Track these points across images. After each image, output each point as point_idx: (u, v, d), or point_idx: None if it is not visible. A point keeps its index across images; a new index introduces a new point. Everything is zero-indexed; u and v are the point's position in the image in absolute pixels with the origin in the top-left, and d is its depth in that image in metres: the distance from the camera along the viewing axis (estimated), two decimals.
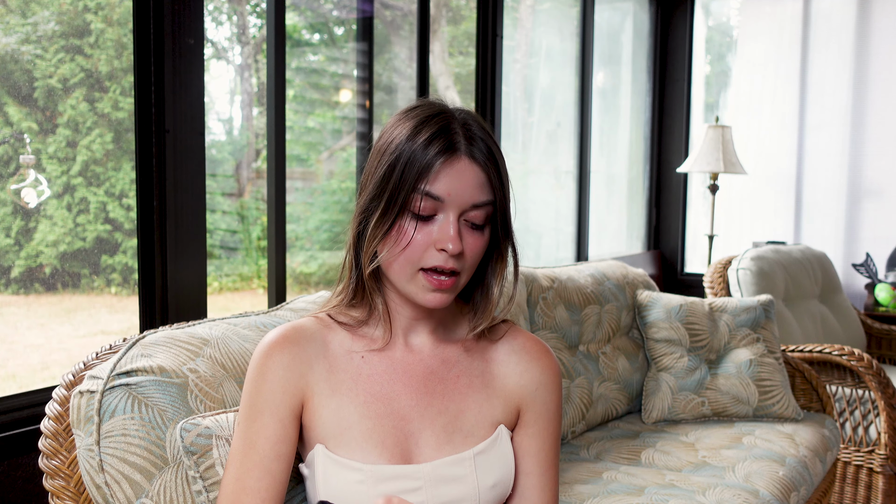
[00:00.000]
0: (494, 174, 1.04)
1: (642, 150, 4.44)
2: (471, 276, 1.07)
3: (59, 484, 1.22)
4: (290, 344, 1.08)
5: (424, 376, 1.10)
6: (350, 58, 2.85)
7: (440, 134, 1.02)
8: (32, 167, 1.82)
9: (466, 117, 1.06)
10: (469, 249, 1.03)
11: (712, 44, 4.58)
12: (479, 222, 1.04)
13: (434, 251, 1.02)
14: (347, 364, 1.09)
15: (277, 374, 1.06)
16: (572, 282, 2.39)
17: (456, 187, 1.01)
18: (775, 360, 2.44)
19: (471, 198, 1.02)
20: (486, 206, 1.04)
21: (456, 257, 1.02)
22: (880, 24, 3.93)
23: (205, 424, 1.16)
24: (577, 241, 3.88)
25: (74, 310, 2.15)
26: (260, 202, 3.02)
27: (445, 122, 1.04)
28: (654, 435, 2.28)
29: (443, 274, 1.02)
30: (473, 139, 1.04)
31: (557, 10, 3.87)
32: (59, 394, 1.27)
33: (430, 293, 1.03)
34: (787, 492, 1.95)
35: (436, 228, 1.02)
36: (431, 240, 1.02)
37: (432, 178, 1.01)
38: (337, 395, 1.06)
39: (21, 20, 1.83)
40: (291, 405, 1.06)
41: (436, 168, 1.01)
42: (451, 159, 1.02)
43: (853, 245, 4.04)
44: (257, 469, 1.03)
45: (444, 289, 1.03)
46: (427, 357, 1.11)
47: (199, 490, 1.15)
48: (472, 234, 1.04)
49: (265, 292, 2.30)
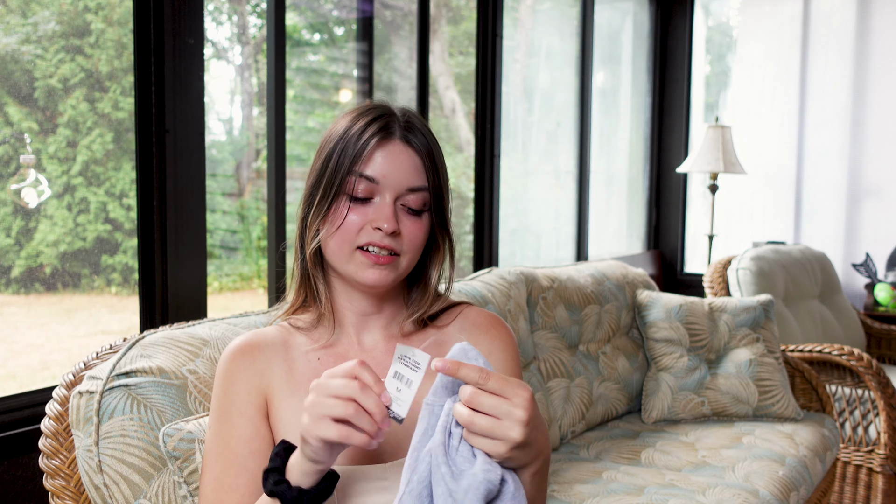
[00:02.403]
0: (429, 161, 1.07)
1: (642, 150, 4.44)
2: (413, 261, 1.08)
3: (59, 484, 1.23)
4: (252, 348, 1.10)
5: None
6: (350, 58, 2.85)
7: (376, 120, 1.06)
8: (33, 167, 1.82)
9: (407, 111, 1.09)
10: (407, 232, 1.05)
11: (712, 44, 4.58)
12: (417, 207, 1.06)
13: (369, 229, 1.04)
14: (305, 366, 1.10)
15: (241, 376, 1.08)
16: (572, 282, 2.39)
17: (390, 169, 1.04)
18: (775, 360, 2.44)
19: (406, 181, 1.04)
20: (422, 192, 1.06)
21: (393, 238, 1.04)
22: (880, 24, 3.93)
23: (187, 429, 1.16)
24: (576, 241, 3.88)
25: (74, 310, 2.15)
26: (260, 202, 3.02)
27: (384, 112, 1.07)
28: (653, 435, 2.28)
29: (380, 250, 1.04)
30: (410, 128, 1.07)
31: (557, 10, 3.87)
32: (59, 394, 1.28)
33: (367, 269, 1.04)
34: (787, 491, 1.95)
35: (372, 210, 1.04)
36: (367, 220, 1.04)
37: (367, 160, 1.04)
38: (296, 395, 1.08)
39: (21, 20, 1.83)
40: (257, 404, 1.08)
41: (370, 150, 1.04)
42: (386, 142, 1.05)
43: (853, 245, 4.04)
44: (234, 467, 1.05)
45: (381, 264, 1.04)
46: (381, 354, 1.12)
47: (185, 495, 1.16)
48: (411, 219, 1.06)
49: (265, 292, 2.30)
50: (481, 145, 3.07)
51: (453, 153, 3.38)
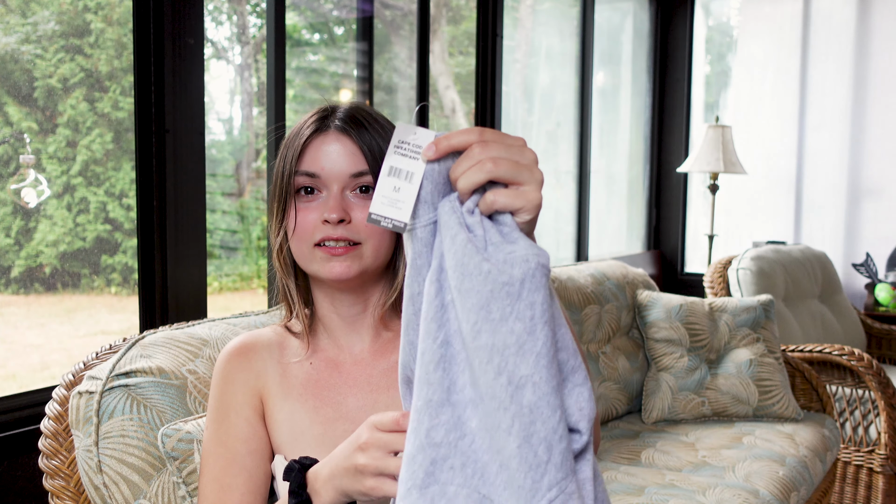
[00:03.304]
0: (368, 145, 1.04)
1: (642, 150, 4.44)
2: (380, 247, 1.04)
3: (58, 484, 1.22)
4: (248, 350, 1.10)
5: (368, 376, 1.10)
6: (350, 58, 2.85)
7: (314, 117, 1.06)
8: (32, 167, 1.82)
9: (352, 105, 1.08)
10: (362, 217, 1.02)
11: (712, 44, 4.58)
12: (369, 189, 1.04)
13: (321, 225, 1.02)
14: (298, 370, 1.10)
15: (237, 377, 1.08)
16: (572, 282, 2.39)
17: (327, 160, 1.03)
18: (775, 360, 2.44)
19: (347, 168, 1.03)
20: (366, 176, 1.03)
21: (345, 226, 1.02)
22: (880, 25, 3.93)
23: (186, 429, 1.16)
24: (577, 241, 3.88)
25: (74, 310, 2.15)
26: (260, 202, 3.02)
27: (325, 109, 1.07)
28: (654, 435, 2.28)
29: (335, 242, 1.02)
30: (348, 119, 1.05)
31: (557, 10, 3.87)
32: (59, 394, 1.28)
33: (327, 263, 1.02)
34: (787, 492, 1.95)
35: (321, 204, 1.03)
36: (319, 216, 1.03)
37: (304, 156, 1.03)
38: (289, 400, 1.08)
39: (21, 20, 1.83)
40: (253, 405, 1.08)
41: (305, 146, 1.04)
42: (320, 135, 1.04)
43: (853, 245, 4.04)
44: (233, 467, 1.05)
45: (340, 255, 1.02)
46: (369, 357, 1.11)
47: (184, 495, 1.16)
48: (363, 204, 1.03)
49: (265, 292, 2.30)
50: None
51: None
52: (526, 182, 0.70)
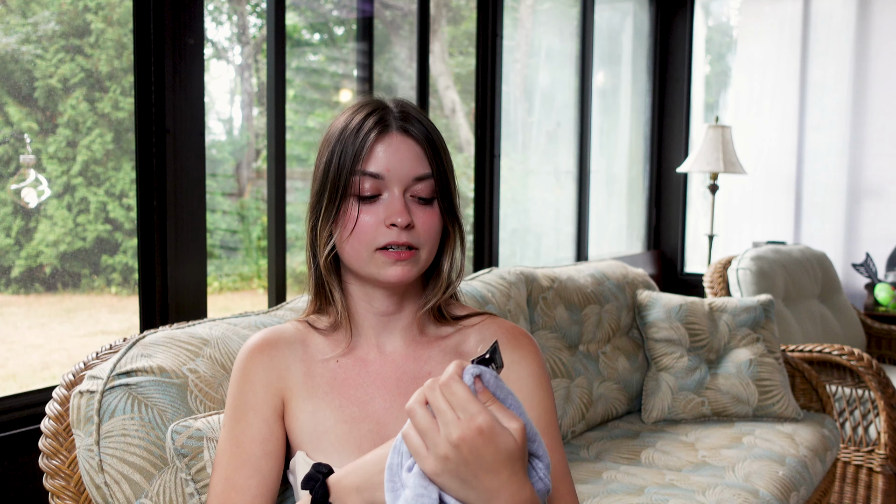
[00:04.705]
0: (430, 149, 1.04)
1: (642, 150, 4.44)
2: (432, 253, 1.06)
3: (59, 484, 1.23)
4: (270, 347, 1.08)
5: (398, 378, 1.08)
6: (350, 58, 2.85)
7: (372, 115, 1.04)
8: (32, 167, 1.82)
9: (401, 102, 1.07)
10: (421, 223, 1.03)
11: (712, 44, 4.58)
12: (427, 196, 1.04)
13: (384, 229, 1.01)
14: (323, 369, 1.08)
15: (259, 374, 1.07)
16: (572, 282, 2.39)
17: (393, 162, 1.02)
18: (775, 360, 2.44)
19: (411, 170, 1.02)
20: (429, 179, 1.03)
21: (409, 232, 1.02)
22: (880, 24, 3.93)
23: (196, 426, 1.16)
24: (577, 241, 3.88)
25: (74, 310, 2.15)
26: (260, 202, 3.02)
27: (379, 106, 1.05)
28: (653, 435, 2.28)
29: (399, 247, 1.01)
30: (407, 118, 1.04)
31: (557, 10, 3.87)
32: (59, 393, 1.28)
33: (390, 267, 1.02)
34: (787, 492, 1.95)
35: (383, 207, 1.02)
36: (380, 218, 1.02)
37: (368, 157, 1.02)
38: (313, 398, 1.06)
39: (21, 20, 1.83)
40: (274, 405, 1.06)
41: (369, 146, 1.02)
42: (384, 136, 1.03)
43: (853, 245, 4.04)
44: (246, 468, 1.03)
45: (404, 260, 1.02)
46: (400, 358, 1.09)
47: (192, 493, 1.15)
48: (422, 209, 1.03)
49: (265, 292, 2.30)
50: (481, 145, 3.07)
51: (453, 153, 3.38)
52: (430, 448, 0.78)
